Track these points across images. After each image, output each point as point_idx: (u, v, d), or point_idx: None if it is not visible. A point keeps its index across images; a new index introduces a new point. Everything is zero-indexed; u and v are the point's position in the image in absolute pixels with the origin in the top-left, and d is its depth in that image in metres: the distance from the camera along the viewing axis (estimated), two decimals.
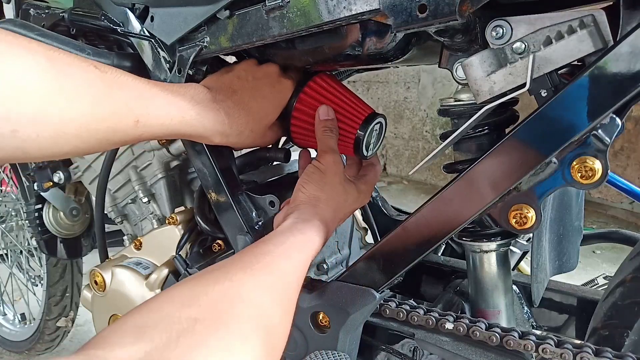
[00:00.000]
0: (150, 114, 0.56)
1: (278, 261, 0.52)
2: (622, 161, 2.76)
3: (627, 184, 1.07)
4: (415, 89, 3.68)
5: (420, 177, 3.72)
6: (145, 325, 0.37)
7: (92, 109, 0.51)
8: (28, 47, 0.47)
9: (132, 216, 1.00)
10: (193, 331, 0.37)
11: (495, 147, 0.51)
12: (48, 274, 1.42)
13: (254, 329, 0.42)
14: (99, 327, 0.87)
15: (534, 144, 0.48)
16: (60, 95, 0.49)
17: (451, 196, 0.54)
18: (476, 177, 0.52)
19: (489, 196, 0.52)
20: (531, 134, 0.49)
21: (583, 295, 0.73)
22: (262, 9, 0.59)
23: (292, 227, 0.58)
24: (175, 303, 0.41)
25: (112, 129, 0.54)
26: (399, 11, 0.50)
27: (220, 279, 0.45)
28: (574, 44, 0.47)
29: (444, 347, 0.58)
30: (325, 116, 0.69)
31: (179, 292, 0.43)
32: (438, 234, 0.56)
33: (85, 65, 0.52)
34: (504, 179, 0.51)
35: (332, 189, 0.65)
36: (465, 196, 0.53)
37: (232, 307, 0.42)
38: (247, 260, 0.50)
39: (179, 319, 0.38)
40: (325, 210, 0.63)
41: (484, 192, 0.52)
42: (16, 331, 1.61)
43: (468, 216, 0.54)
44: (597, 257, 2.28)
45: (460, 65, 0.55)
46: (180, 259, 0.77)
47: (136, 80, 0.57)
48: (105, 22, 0.75)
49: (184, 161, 0.91)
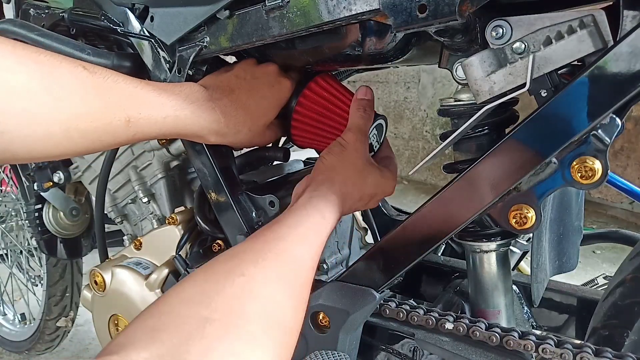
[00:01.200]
0: (142, 113, 0.56)
1: (292, 248, 0.51)
2: (622, 161, 2.76)
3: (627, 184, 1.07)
4: (415, 89, 3.68)
5: (420, 177, 3.72)
6: (157, 327, 0.38)
7: (81, 108, 0.51)
8: (13, 50, 0.47)
9: (132, 216, 1.00)
10: (203, 333, 0.37)
11: (495, 147, 0.51)
12: (48, 274, 1.42)
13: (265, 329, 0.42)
14: (99, 327, 0.87)
15: (534, 144, 0.48)
16: (47, 96, 0.48)
17: (451, 196, 0.54)
18: (476, 177, 0.52)
19: (489, 196, 0.52)
20: (531, 134, 0.49)
21: (583, 295, 0.73)
22: (262, 9, 0.59)
23: (307, 203, 0.57)
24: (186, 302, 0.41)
25: (103, 129, 0.53)
26: (399, 11, 0.50)
27: (232, 274, 0.45)
28: (574, 44, 0.47)
29: (444, 347, 0.58)
30: (362, 95, 0.69)
31: (190, 291, 0.43)
32: (438, 234, 0.56)
33: (73, 67, 0.51)
34: (504, 179, 0.51)
35: (352, 164, 0.64)
36: (465, 196, 0.53)
37: (243, 306, 0.42)
38: (259, 249, 0.49)
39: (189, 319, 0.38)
40: (342, 184, 0.61)
41: (483, 192, 0.52)
42: (16, 331, 1.61)
43: (468, 216, 0.53)
44: (597, 257, 2.28)
45: (460, 65, 0.55)
46: (180, 259, 0.77)
47: (127, 80, 0.56)
48: (105, 22, 0.75)
49: (184, 161, 0.91)
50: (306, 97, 0.71)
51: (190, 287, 0.43)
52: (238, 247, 0.51)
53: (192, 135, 0.64)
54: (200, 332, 0.37)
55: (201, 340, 0.37)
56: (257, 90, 0.68)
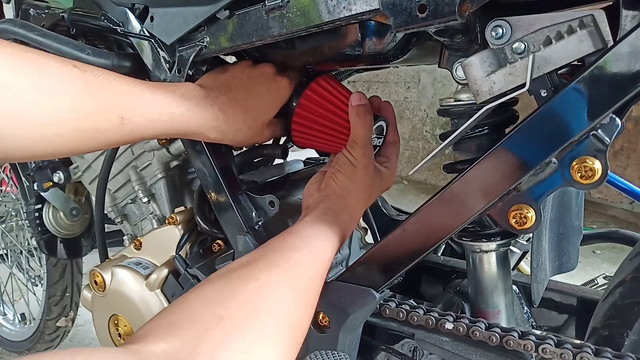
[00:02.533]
0: (136, 110, 0.56)
1: (304, 259, 0.54)
2: (622, 161, 2.76)
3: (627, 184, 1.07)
4: (415, 89, 3.68)
5: (420, 177, 3.72)
6: (175, 323, 0.41)
7: (72, 105, 0.51)
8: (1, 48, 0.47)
9: (132, 216, 1.00)
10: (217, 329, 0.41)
11: (495, 147, 0.51)
12: (48, 274, 1.42)
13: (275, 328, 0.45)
14: (99, 327, 0.87)
15: (534, 144, 0.48)
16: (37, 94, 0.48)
17: (451, 196, 0.54)
18: (476, 177, 0.52)
19: (489, 196, 0.52)
20: (531, 134, 0.49)
21: (583, 295, 0.73)
22: (262, 9, 0.59)
23: (321, 218, 0.60)
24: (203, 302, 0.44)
25: (95, 127, 0.53)
26: (399, 11, 0.50)
27: (246, 279, 0.48)
28: (574, 44, 0.47)
29: (443, 347, 0.58)
30: (357, 102, 0.68)
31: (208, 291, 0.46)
32: (438, 234, 0.56)
33: (62, 65, 0.51)
34: (504, 179, 0.51)
35: (363, 182, 0.66)
36: (465, 196, 0.53)
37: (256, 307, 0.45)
38: (273, 258, 0.52)
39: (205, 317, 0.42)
40: (354, 203, 0.65)
41: (483, 192, 0.52)
42: (16, 331, 1.61)
43: (468, 216, 0.53)
44: (597, 257, 2.28)
45: (460, 65, 0.55)
46: (180, 259, 0.77)
47: (120, 78, 0.56)
48: (105, 22, 0.75)
49: (184, 161, 0.91)
50: (307, 98, 0.71)
51: (208, 290, 0.47)
52: (253, 255, 0.54)
53: (191, 133, 0.63)
54: (215, 328, 0.41)
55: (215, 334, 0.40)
56: (254, 89, 0.68)
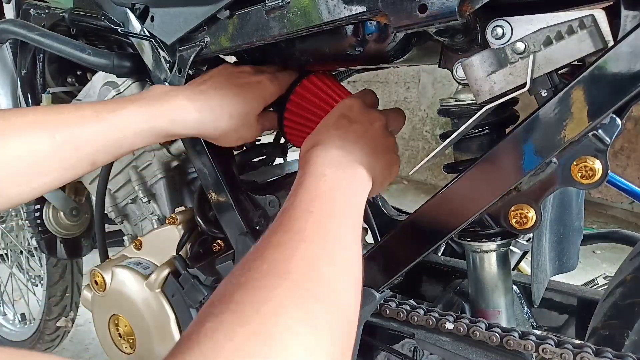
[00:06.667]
0: (103, 149, 0.61)
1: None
2: (622, 161, 2.76)
3: (627, 184, 1.07)
4: (415, 89, 3.68)
5: (420, 177, 3.72)
6: (237, 282, 0.39)
7: (54, 176, 0.59)
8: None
9: (132, 216, 1.00)
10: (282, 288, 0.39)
11: (495, 147, 0.51)
12: (48, 274, 1.42)
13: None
14: (99, 327, 0.87)
15: (534, 144, 0.48)
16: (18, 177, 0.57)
17: (451, 196, 0.54)
18: (476, 177, 0.52)
19: (489, 196, 0.52)
20: (531, 134, 0.49)
21: (583, 295, 0.73)
22: (263, 9, 0.59)
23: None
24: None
25: (74, 176, 0.61)
26: (399, 11, 0.50)
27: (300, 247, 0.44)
28: (574, 44, 0.47)
29: (444, 347, 0.58)
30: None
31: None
32: (438, 234, 0.56)
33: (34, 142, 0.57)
34: (504, 179, 0.51)
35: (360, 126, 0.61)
36: (465, 196, 0.53)
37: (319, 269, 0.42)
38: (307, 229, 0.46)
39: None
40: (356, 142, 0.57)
41: (484, 192, 0.52)
42: (16, 331, 1.61)
43: (468, 216, 0.54)
44: (597, 257, 2.28)
45: (460, 65, 0.55)
46: (180, 259, 0.77)
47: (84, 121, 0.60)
48: (105, 22, 0.75)
49: (184, 161, 0.91)
50: (297, 95, 0.71)
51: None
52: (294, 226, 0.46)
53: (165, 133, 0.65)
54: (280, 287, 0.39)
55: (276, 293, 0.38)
56: (231, 86, 0.68)
